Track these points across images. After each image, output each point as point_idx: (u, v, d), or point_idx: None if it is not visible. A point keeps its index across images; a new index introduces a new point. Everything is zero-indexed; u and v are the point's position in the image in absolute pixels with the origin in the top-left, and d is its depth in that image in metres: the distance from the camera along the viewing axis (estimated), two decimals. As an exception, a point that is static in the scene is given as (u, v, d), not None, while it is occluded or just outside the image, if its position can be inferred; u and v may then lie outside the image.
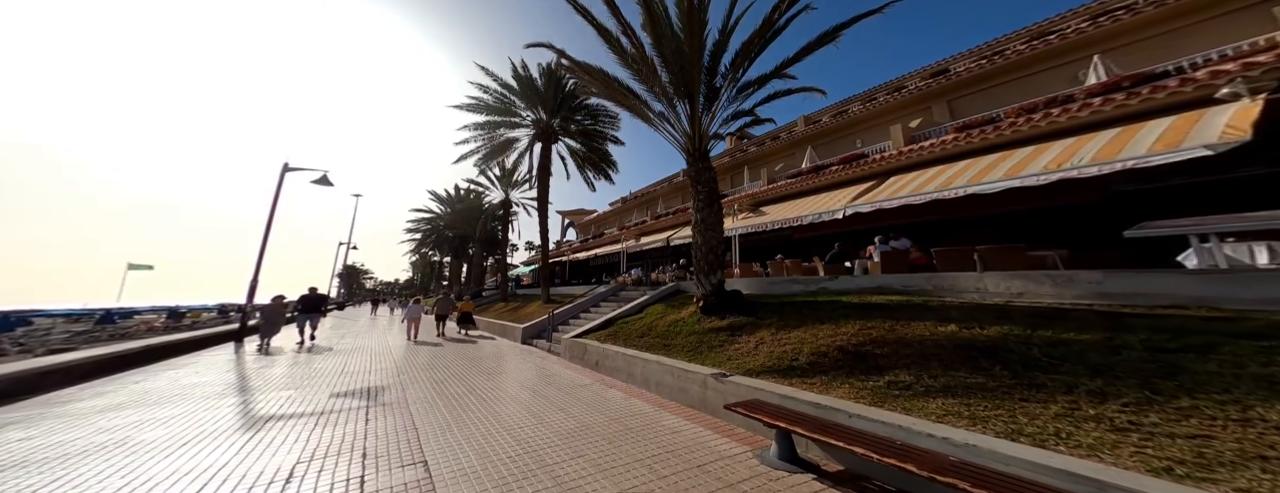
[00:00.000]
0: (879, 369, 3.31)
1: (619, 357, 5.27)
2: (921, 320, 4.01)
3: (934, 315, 4.05)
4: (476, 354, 8.22)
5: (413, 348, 9.52)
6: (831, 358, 3.71)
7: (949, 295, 4.64)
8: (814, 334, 4.29)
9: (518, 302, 17.06)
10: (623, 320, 7.28)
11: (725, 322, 5.23)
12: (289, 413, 4.16)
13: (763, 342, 4.37)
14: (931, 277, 4.77)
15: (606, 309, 9.41)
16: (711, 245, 6.20)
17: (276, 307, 9.78)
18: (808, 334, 4.32)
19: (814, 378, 3.43)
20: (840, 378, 3.33)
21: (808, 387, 3.29)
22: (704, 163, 6.55)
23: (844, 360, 3.60)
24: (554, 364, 6.66)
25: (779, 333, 4.46)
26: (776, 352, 4.09)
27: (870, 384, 3.10)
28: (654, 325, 6.34)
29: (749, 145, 18.20)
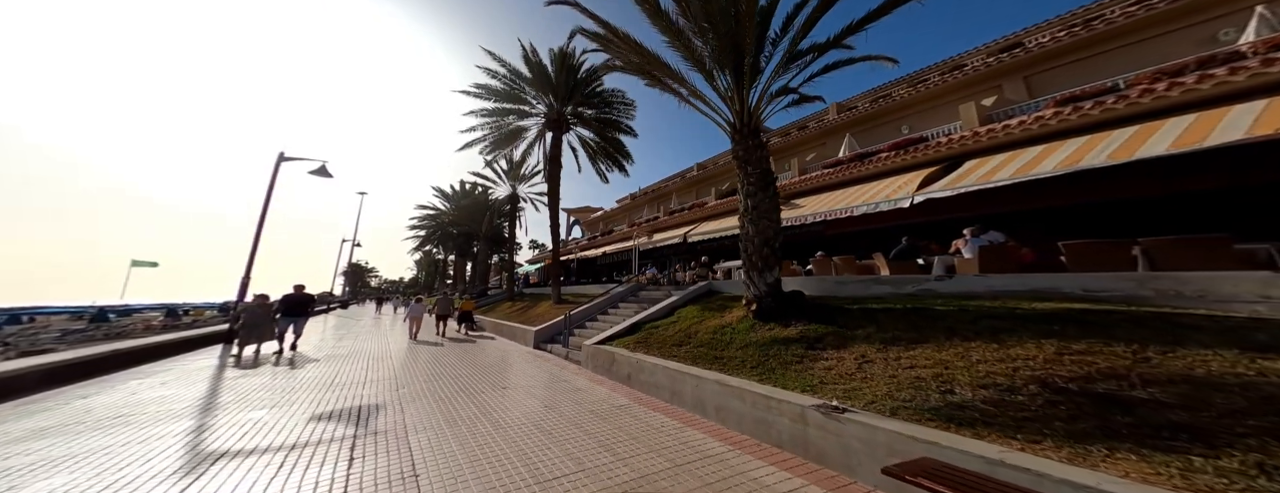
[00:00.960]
0: (1179, 431, 1.95)
1: (660, 371, 4.30)
2: (1191, 346, 2.61)
3: (1215, 337, 2.65)
4: (484, 360, 7.28)
5: (413, 352, 8.58)
6: (1031, 396, 2.48)
7: (1189, 305, 3.16)
8: (961, 355, 3.14)
9: (525, 301, 16.13)
10: (651, 325, 6.32)
11: (793, 330, 4.25)
12: (250, 448, 3.22)
13: (867, 360, 3.38)
14: (1146, 278, 3.43)
15: (627, 311, 8.44)
16: (766, 237, 5.23)
17: (260, 308, 8.17)
18: (948, 354, 3.20)
19: (1017, 429, 2.21)
20: (1088, 437, 2.03)
21: (1035, 448, 2.01)
22: (754, 140, 5.56)
23: (1067, 403, 2.33)
24: (576, 376, 5.70)
25: (889, 349, 3.45)
26: (903, 377, 3.02)
27: (1197, 464, 1.73)
28: (693, 332, 5.37)
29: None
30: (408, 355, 8.20)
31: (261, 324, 7.96)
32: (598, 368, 5.73)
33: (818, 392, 3.08)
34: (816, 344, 3.83)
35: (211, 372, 6.30)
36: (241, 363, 7.08)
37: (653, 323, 6.35)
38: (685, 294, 7.21)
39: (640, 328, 6.29)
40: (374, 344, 10.38)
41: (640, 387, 4.60)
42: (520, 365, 6.71)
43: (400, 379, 5.84)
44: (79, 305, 31.43)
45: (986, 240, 4.93)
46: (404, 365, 6.98)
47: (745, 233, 5.45)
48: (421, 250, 41.80)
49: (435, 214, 32.12)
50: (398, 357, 8.06)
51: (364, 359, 7.74)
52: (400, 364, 7.14)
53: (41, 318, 29.06)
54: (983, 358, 3.03)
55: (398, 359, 7.75)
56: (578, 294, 13.75)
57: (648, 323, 6.42)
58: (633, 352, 5.19)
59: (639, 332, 6.14)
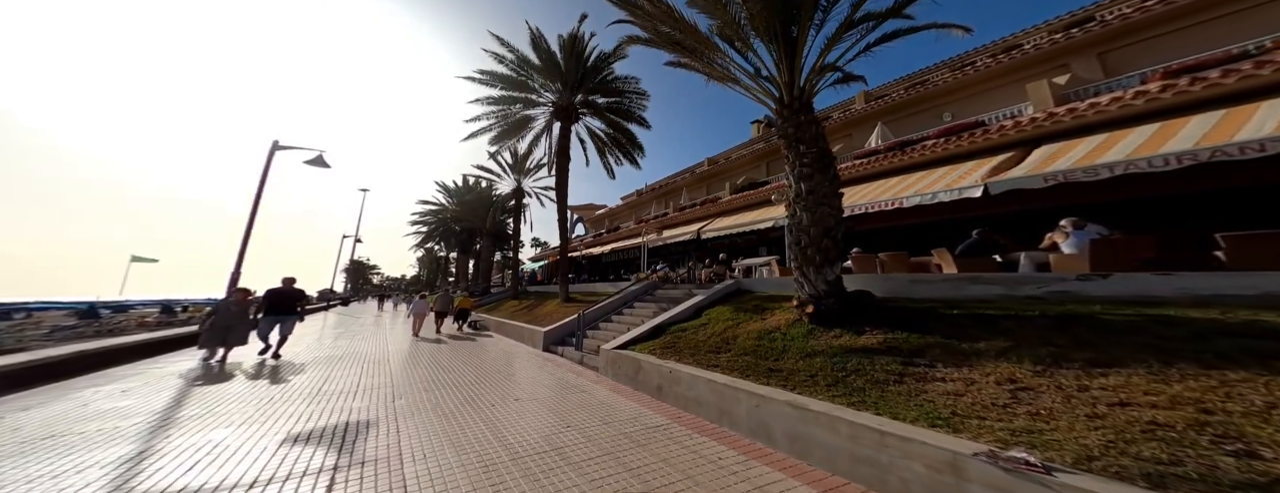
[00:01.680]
0: None
1: (701, 384, 3.58)
2: None
3: None
4: (489, 364, 6.56)
5: (414, 353, 7.88)
6: None
7: None
8: (1221, 392, 2.08)
9: (530, 299, 15.43)
10: (676, 327, 5.59)
11: (872, 339, 3.49)
12: (199, 486, 2.51)
13: (1023, 386, 2.45)
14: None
15: (645, 311, 7.72)
16: (826, 227, 4.46)
17: (237, 306, 6.91)
18: (1191, 388, 2.15)
19: None
20: None
21: None
22: (808, 115, 4.80)
23: None
24: (594, 385, 4.98)
25: (1056, 372, 2.49)
26: (1116, 419, 2.02)
27: None
28: (730, 337, 4.64)
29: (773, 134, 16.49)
30: (407, 358, 7.50)
31: (235, 326, 6.70)
32: (619, 376, 5.00)
33: (962, 430, 2.21)
34: (916, 359, 3.05)
35: (183, 378, 5.59)
36: (213, 370, 6.10)
37: (678, 325, 5.62)
38: (711, 294, 6.48)
39: (665, 331, 5.56)
40: (372, 345, 9.68)
41: (676, 401, 3.88)
42: (530, 371, 6.00)
43: (398, 387, 5.13)
44: (71, 301, 30.79)
45: (1093, 234, 4.17)
46: (403, 370, 6.28)
47: (797, 222, 4.69)
48: (423, 247, 41.16)
49: (437, 210, 31.44)
50: (397, 359, 7.36)
51: (359, 363, 7.04)
52: (399, 368, 6.44)
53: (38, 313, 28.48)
54: (1276, 400, 1.93)
55: (397, 362, 7.05)
56: (587, 293, 13.04)
57: (673, 326, 5.70)
58: (662, 359, 4.46)
59: (664, 335, 5.41)
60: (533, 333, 8.72)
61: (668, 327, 5.68)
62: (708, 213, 14.16)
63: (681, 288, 8.49)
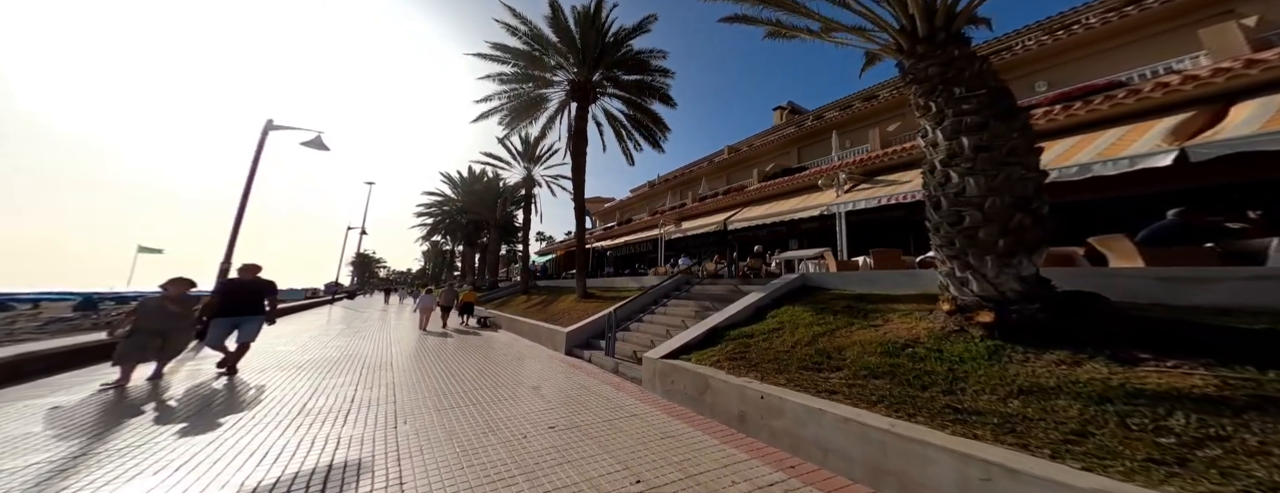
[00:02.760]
0: None
1: (830, 424, 2.40)
2: None
3: None
4: (509, 373, 5.55)
5: (420, 355, 6.89)
6: None
7: None
8: None
9: (542, 295, 14.44)
10: (738, 332, 4.54)
11: (1173, 377, 2.14)
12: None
13: None
14: None
15: (681, 310, 6.68)
16: (1019, 196, 3.10)
17: (174, 302, 4.91)
18: None
19: None
20: None
21: None
22: (961, 49, 3.46)
23: None
24: (642, 405, 3.96)
25: None
26: None
27: None
28: (833, 349, 3.49)
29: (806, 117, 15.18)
30: (414, 361, 6.51)
31: (170, 331, 4.77)
32: (673, 394, 3.96)
33: None
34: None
35: (134, 389, 4.60)
36: (127, 394, 4.27)
37: (740, 330, 4.56)
38: (770, 291, 5.40)
39: (723, 336, 4.50)
40: (375, 344, 8.72)
41: (774, 439, 2.77)
42: (558, 382, 4.97)
43: (402, 404, 4.13)
44: (71, 292, 30.09)
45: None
46: (409, 378, 5.28)
47: (952, 192, 3.39)
48: (428, 240, 40.29)
49: (443, 201, 30.45)
50: (401, 363, 6.38)
51: (357, 368, 6.06)
52: (404, 376, 5.44)
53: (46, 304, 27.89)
54: None
55: (401, 367, 6.07)
56: (605, 288, 12.02)
57: (732, 330, 4.64)
58: (736, 376, 3.41)
59: (723, 341, 4.35)
60: (553, 334, 7.70)
61: (726, 331, 4.62)
62: (733, 203, 13.04)
63: (723, 283, 7.43)
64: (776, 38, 4.95)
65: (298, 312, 19.53)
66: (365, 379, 5.32)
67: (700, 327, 4.88)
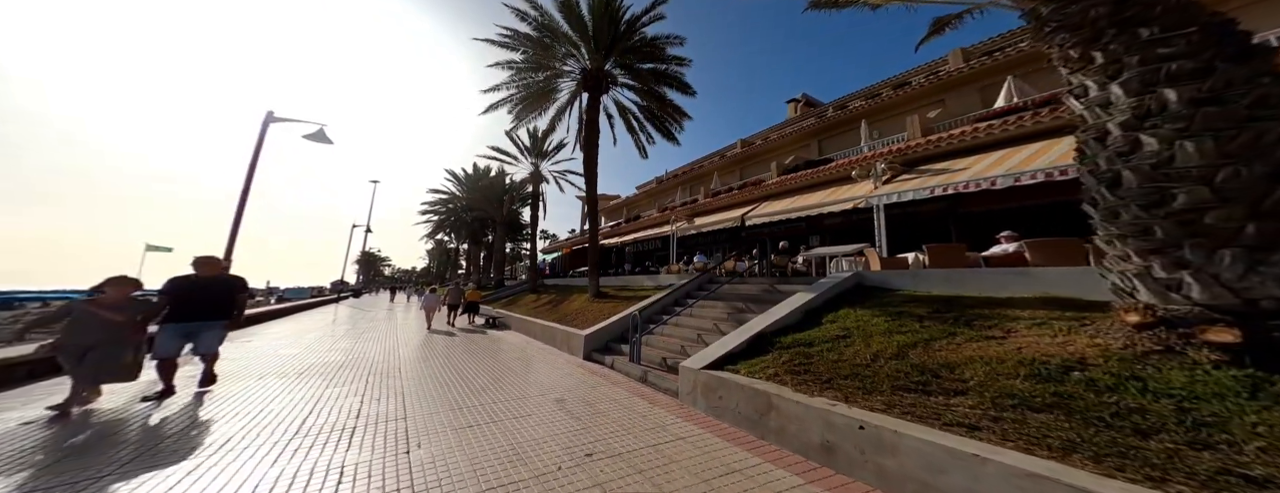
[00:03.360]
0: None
1: (1000, 482, 1.81)
2: None
3: None
4: (528, 382, 5.06)
5: (431, 363, 6.40)
6: None
7: None
8: None
9: (551, 294, 13.98)
10: (789, 339, 4.00)
11: None
12: None
13: None
14: None
15: (711, 312, 6.17)
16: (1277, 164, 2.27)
17: (112, 307, 3.85)
18: None
19: None
20: None
21: None
22: None
23: None
24: (687, 424, 3.45)
25: None
26: None
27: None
28: (935, 365, 2.91)
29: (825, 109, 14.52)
30: (423, 367, 6.03)
31: (104, 344, 3.69)
32: (722, 412, 3.44)
33: None
34: None
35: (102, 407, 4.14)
36: (94, 414, 3.60)
37: (794, 337, 4.01)
38: (821, 292, 4.80)
39: (774, 344, 3.98)
40: (382, 346, 8.26)
41: (897, 488, 2.16)
42: (583, 394, 4.47)
43: (414, 421, 3.65)
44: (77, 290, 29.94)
45: None
46: (419, 387, 4.79)
47: (1156, 161, 2.56)
48: (433, 238, 39.94)
49: (448, 198, 30.02)
50: (410, 369, 5.90)
51: (363, 374, 5.59)
52: (413, 385, 4.96)
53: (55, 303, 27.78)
54: None
55: (410, 374, 5.59)
56: (620, 287, 11.53)
57: (782, 336, 4.10)
58: (811, 396, 2.87)
59: (776, 350, 3.82)
60: (569, 337, 7.21)
61: (774, 337, 4.09)
62: (751, 197, 12.47)
63: (753, 282, 6.88)
64: (827, 8, 4.37)
65: (302, 311, 19.20)
66: (372, 388, 4.85)
67: (742, 332, 4.35)
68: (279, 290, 38.06)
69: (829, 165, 9.46)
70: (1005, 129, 5.94)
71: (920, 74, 11.16)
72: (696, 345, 5.16)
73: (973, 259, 4.94)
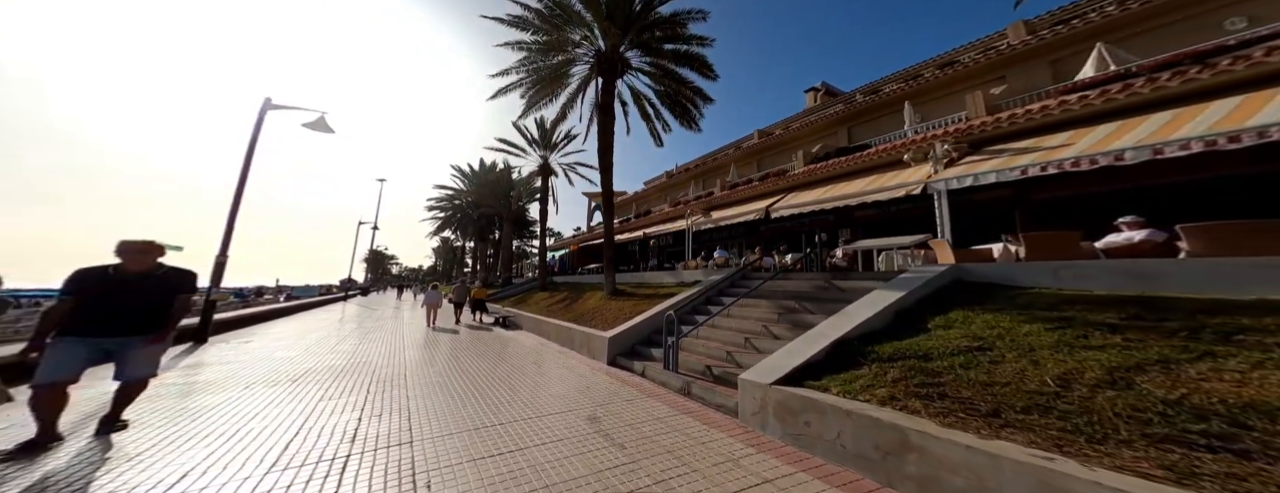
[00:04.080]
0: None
1: None
2: None
3: None
4: (550, 396, 4.36)
5: (439, 367, 5.71)
6: None
7: None
8: None
9: (563, 291, 13.32)
10: (888, 349, 3.19)
11: None
12: None
13: None
14: None
15: (756, 311, 5.43)
16: None
17: None
18: None
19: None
20: None
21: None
22: None
23: None
24: (759, 453, 2.74)
25: None
26: None
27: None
28: (1255, 407, 1.88)
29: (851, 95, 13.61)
30: (431, 373, 5.34)
31: None
32: (812, 442, 2.70)
33: None
34: None
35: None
36: None
37: (895, 346, 3.19)
38: (912, 289, 3.91)
39: (866, 354, 3.20)
40: (386, 347, 7.61)
41: None
42: (619, 411, 3.76)
43: (421, 445, 2.96)
44: None
45: None
46: (427, 400, 4.11)
47: None
48: (438, 236, 39.48)
49: (454, 195, 29.45)
50: (417, 375, 5.23)
51: (364, 382, 4.93)
52: (421, 395, 4.28)
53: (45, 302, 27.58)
54: None
55: (417, 381, 4.92)
56: (637, 284, 10.82)
57: (876, 344, 3.30)
58: (987, 440, 1.99)
59: (877, 364, 3.03)
60: (590, 339, 6.50)
61: (864, 347, 3.29)
62: (776, 188, 11.66)
63: (801, 278, 6.10)
64: None
65: (309, 309, 18.74)
66: (374, 400, 4.18)
67: (815, 338, 3.57)
68: (288, 289, 37.85)
69: (868, 151, 8.63)
70: (1111, 99, 5.03)
71: (972, 51, 10.21)
72: (746, 351, 4.43)
73: (1087, 250, 4.13)
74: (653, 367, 5.07)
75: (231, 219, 8.85)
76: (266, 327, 11.58)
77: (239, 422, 3.51)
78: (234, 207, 8.94)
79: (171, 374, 5.31)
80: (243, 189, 9.05)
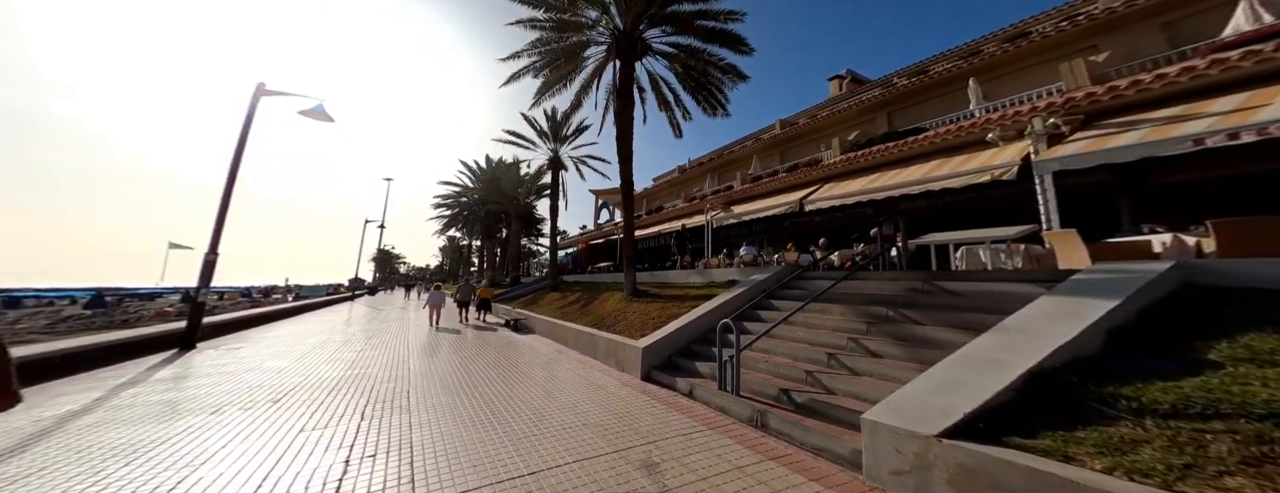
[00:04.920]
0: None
1: None
2: None
3: None
4: (584, 424, 3.47)
5: (448, 389, 4.85)
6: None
7: None
8: None
9: (576, 292, 12.46)
10: (1163, 398, 2.06)
11: None
12: None
13: None
14: None
15: (828, 318, 4.52)
16: None
17: None
18: None
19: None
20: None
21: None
22: None
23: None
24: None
25: None
26: None
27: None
28: None
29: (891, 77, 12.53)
30: (436, 387, 4.48)
31: None
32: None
33: None
34: None
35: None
36: None
37: (1169, 391, 2.06)
38: (1119, 296, 2.85)
39: (1111, 398, 2.12)
40: (389, 355, 6.78)
41: None
42: (685, 456, 2.85)
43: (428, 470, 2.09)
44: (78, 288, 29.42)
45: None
46: (433, 428, 3.23)
47: None
48: (444, 234, 38.86)
49: (460, 192, 28.71)
50: (421, 391, 4.37)
51: (359, 401, 4.09)
52: (426, 424, 3.41)
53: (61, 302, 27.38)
54: None
55: (421, 404, 4.06)
56: (659, 284, 9.92)
57: (1115, 384, 2.22)
58: None
59: (1148, 417, 1.93)
60: (617, 348, 5.61)
61: (1079, 383, 2.27)
62: (808, 179, 10.69)
63: (880, 277, 5.11)
64: None
65: (314, 310, 18.10)
66: (368, 431, 3.33)
67: (982, 365, 2.50)
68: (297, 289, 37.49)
69: (928, 134, 7.55)
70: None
71: (1048, 21, 9.06)
72: (835, 372, 3.51)
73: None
74: (703, 386, 4.16)
75: (221, 215, 8.08)
76: (265, 330, 10.86)
77: (182, 468, 2.67)
78: (224, 202, 8.17)
79: (133, 391, 4.51)
80: (233, 184, 8.27)
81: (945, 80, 9.66)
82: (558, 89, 10.80)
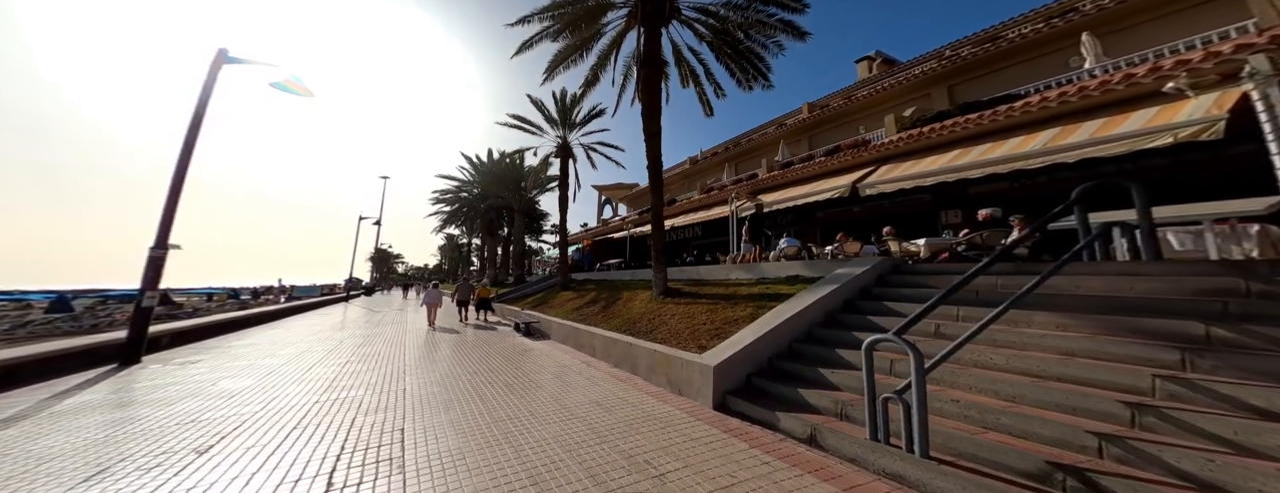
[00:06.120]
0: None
1: None
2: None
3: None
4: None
5: (455, 425, 3.46)
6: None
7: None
8: None
9: (592, 291, 11.09)
10: None
11: None
12: None
13: None
14: None
15: (1068, 337, 3.07)
16: None
17: None
18: None
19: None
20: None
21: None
22: None
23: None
24: None
25: None
26: None
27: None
28: None
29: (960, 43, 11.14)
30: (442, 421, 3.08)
31: None
32: None
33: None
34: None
35: None
36: None
37: None
38: None
39: None
40: (380, 372, 5.26)
41: None
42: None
43: None
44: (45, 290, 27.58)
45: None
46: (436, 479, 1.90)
47: None
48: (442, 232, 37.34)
49: (460, 185, 27.24)
50: (417, 436, 2.97)
51: (331, 450, 2.68)
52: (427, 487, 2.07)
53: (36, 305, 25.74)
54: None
55: (415, 450, 2.66)
56: (695, 282, 8.57)
57: None
58: None
59: None
60: (674, 364, 4.25)
61: None
62: (860, 160, 9.37)
63: (1101, 270, 3.61)
64: None
65: (302, 312, 16.67)
66: (355, 452, 1.98)
67: None
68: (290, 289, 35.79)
69: (1033, 99, 6.12)
70: None
71: None
72: (1149, 439, 2.10)
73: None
74: (834, 431, 2.82)
75: (172, 202, 6.65)
76: (240, 336, 9.45)
77: None
78: (175, 186, 6.73)
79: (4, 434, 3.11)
80: (187, 164, 6.84)
81: (1029, 45, 8.33)
82: (573, 61, 9.41)
